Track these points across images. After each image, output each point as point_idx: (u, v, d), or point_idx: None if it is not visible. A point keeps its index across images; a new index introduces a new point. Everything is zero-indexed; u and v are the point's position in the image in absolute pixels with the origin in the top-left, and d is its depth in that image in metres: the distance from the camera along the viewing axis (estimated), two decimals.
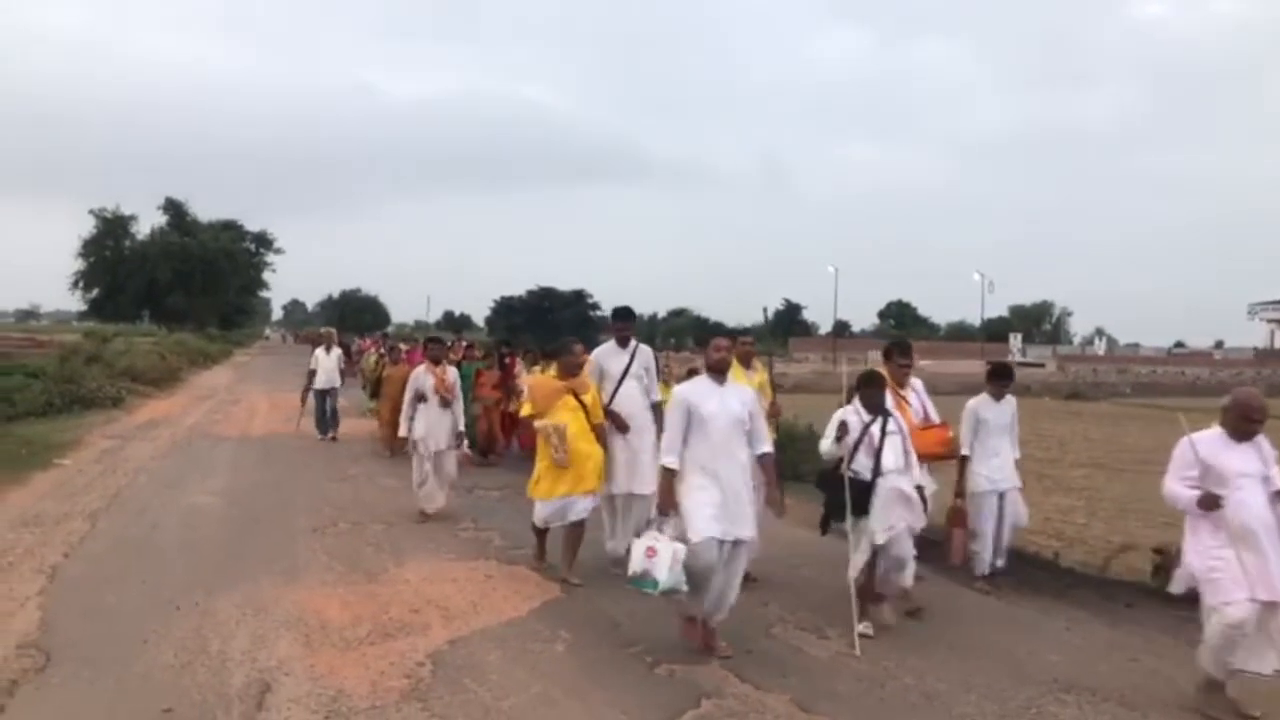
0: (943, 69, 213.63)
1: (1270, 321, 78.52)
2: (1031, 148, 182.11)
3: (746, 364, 7.41)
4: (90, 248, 69.44)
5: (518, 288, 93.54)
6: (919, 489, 6.18)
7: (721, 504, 5.44)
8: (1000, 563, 7.23)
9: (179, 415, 19.48)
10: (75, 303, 73.65)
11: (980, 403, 7.30)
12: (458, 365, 12.48)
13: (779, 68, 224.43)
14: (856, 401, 6.28)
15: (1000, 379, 7.40)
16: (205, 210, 74.93)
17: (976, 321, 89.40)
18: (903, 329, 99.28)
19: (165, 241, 70.03)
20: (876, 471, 6.00)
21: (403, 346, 16.69)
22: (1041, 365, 60.98)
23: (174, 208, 73.06)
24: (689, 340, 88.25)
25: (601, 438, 7.11)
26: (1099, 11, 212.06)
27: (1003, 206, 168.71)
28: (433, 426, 9.46)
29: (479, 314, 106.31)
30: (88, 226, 69.44)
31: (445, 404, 9.55)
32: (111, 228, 70.13)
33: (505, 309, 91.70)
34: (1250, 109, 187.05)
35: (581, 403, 7.05)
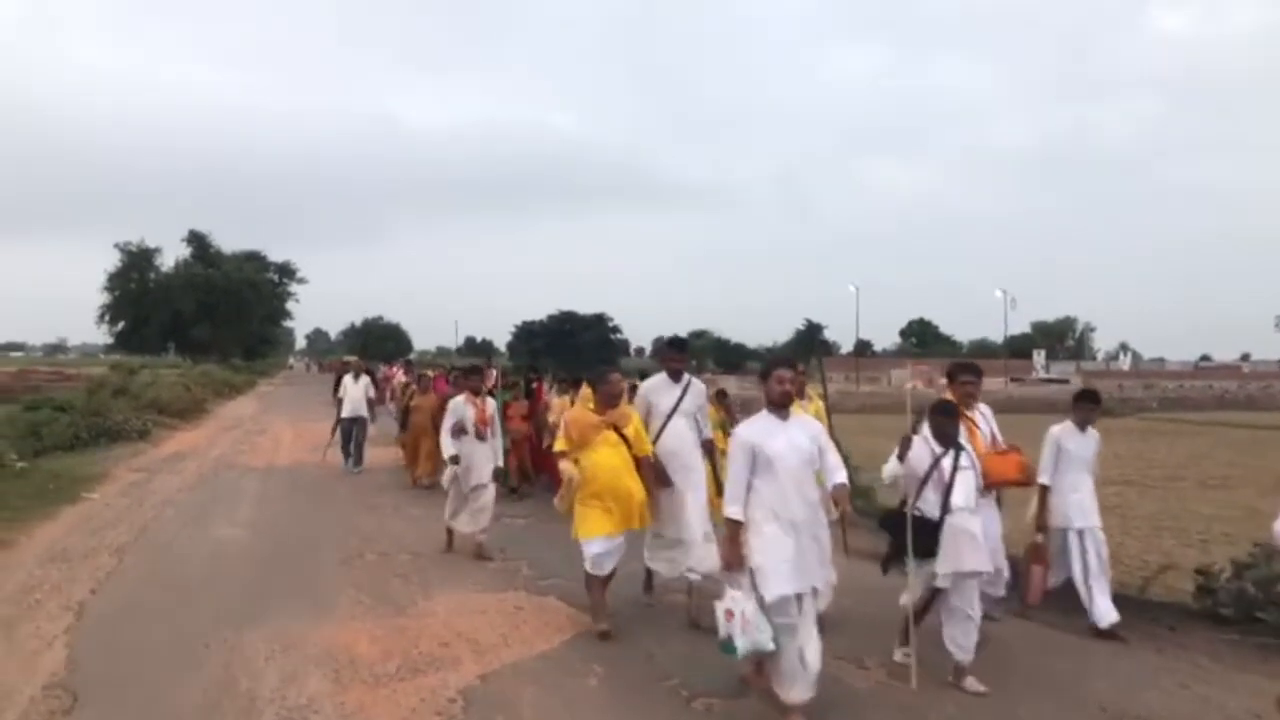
0: (960, 86, 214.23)
1: None
2: (1051, 163, 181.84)
3: (799, 394, 6.94)
4: (116, 281, 70.24)
5: (539, 312, 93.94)
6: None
7: (796, 553, 4.94)
8: (1104, 617, 6.52)
9: (205, 447, 19.53)
10: (102, 336, 74.57)
11: (1064, 431, 6.78)
12: (490, 394, 12.36)
13: (796, 88, 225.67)
14: (926, 431, 5.73)
15: (1086, 404, 6.87)
16: (229, 242, 75.82)
17: (999, 338, 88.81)
18: (924, 347, 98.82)
19: (189, 273, 70.75)
20: (945, 510, 5.50)
21: (429, 374, 16.36)
22: (1066, 382, 60.46)
23: (198, 240, 73.88)
24: (709, 362, 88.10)
25: (646, 473, 6.51)
26: (1116, 25, 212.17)
27: (1023, 222, 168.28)
28: (472, 460, 9.01)
29: (501, 339, 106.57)
30: (113, 260, 70.27)
31: (484, 437, 9.17)
32: (136, 261, 70.92)
33: (526, 334, 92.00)
34: (1271, 120, 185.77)
35: (623, 436, 6.49)
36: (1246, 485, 17.01)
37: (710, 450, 6.99)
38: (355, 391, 15.38)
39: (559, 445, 6.61)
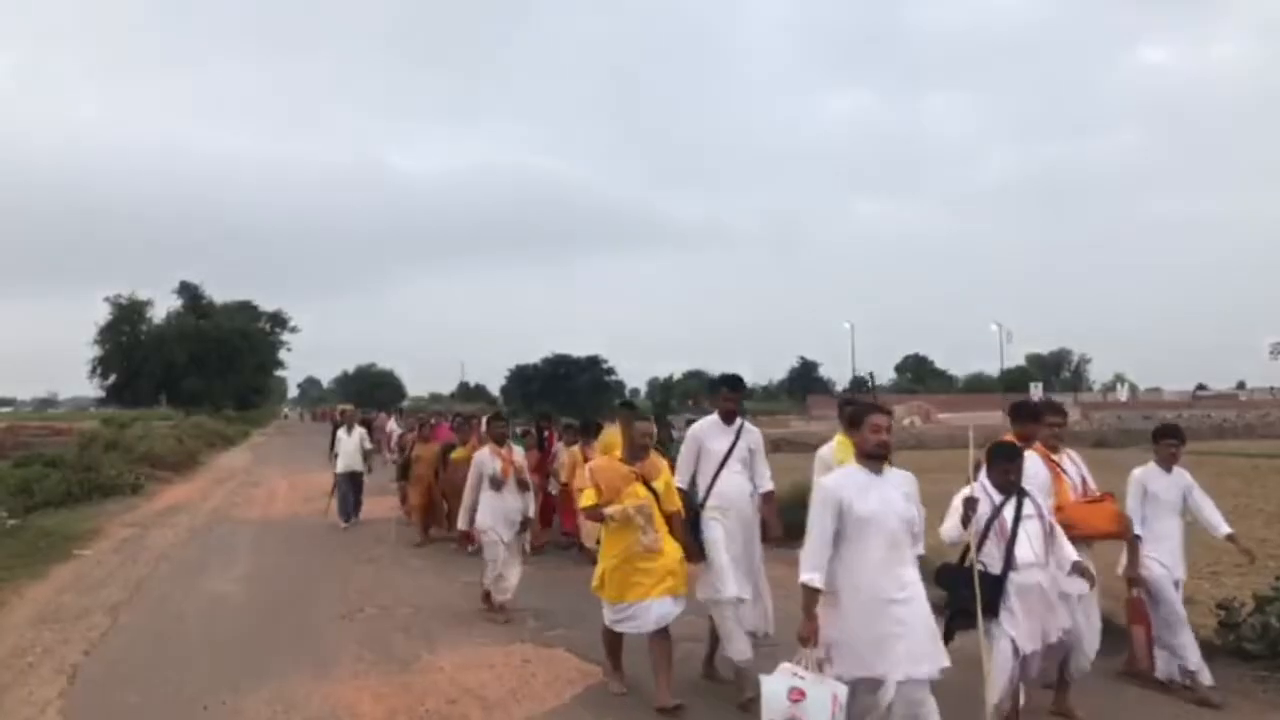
0: (950, 122, 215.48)
1: None
2: (1042, 197, 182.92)
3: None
4: (107, 334, 69.99)
5: (533, 356, 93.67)
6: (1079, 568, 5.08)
7: (885, 633, 4.29)
8: (1195, 669, 5.92)
9: (198, 500, 19.27)
10: (93, 389, 74.07)
11: (1148, 473, 6.19)
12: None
13: (788, 128, 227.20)
14: (983, 477, 5.13)
15: (1170, 441, 6.24)
16: (220, 292, 75.70)
17: (994, 372, 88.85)
18: (920, 382, 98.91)
19: (181, 324, 70.57)
20: (1008, 565, 4.90)
21: (432, 421, 15.71)
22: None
23: (189, 291, 73.76)
24: (705, 403, 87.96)
25: (677, 530, 5.89)
26: (1102, 60, 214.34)
27: (1016, 256, 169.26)
28: (502, 513, 8.39)
29: (494, 384, 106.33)
30: (104, 313, 70.11)
31: (515, 487, 8.54)
32: (127, 313, 70.73)
33: (521, 377, 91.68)
34: (1258, 149, 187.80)
35: (652, 490, 5.87)
36: (1252, 515, 16.82)
37: (769, 503, 6.23)
38: (349, 445, 14.68)
39: (585, 500, 6.00)
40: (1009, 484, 5.06)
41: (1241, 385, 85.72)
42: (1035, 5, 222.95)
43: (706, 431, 6.24)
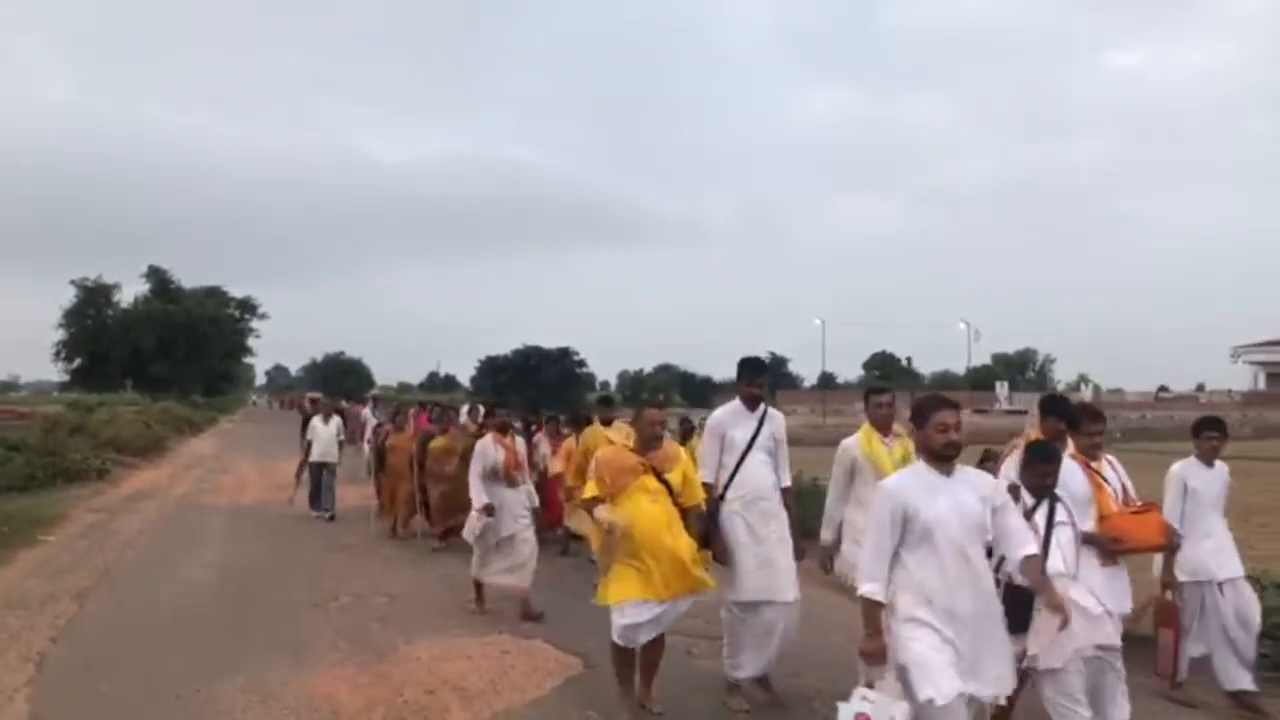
0: (925, 123, 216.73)
1: (1254, 364, 79.02)
2: (1013, 198, 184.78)
3: (885, 430, 5.79)
4: (72, 318, 68.99)
5: (504, 347, 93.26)
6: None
7: (961, 651, 3.88)
8: (1247, 682, 5.63)
9: (167, 486, 19.04)
10: (56, 373, 73.01)
11: (1188, 468, 5.86)
12: (477, 436, 11.89)
13: (766, 125, 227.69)
14: (1013, 474, 4.85)
15: (1212, 434, 5.89)
16: (190, 277, 74.75)
17: (960, 370, 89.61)
18: (888, 380, 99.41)
19: (148, 309, 69.65)
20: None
21: (409, 410, 15.09)
22: (1025, 412, 60.89)
23: (157, 275, 72.82)
24: (677, 396, 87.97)
25: (694, 526, 5.42)
26: (1075, 64, 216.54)
27: (985, 256, 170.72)
28: (502, 507, 7.97)
29: (464, 374, 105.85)
30: (69, 297, 69.10)
31: (515, 481, 8.15)
32: (93, 297, 69.77)
33: (491, 368, 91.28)
34: (1224, 154, 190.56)
35: (665, 482, 5.39)
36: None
37: (788, 501, 5.84)
38: (325, 434, 14.35)
39: (588, 491, 5.51)
40: (1044, 487, 4.71)
41: (1201, 387, 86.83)
42: (1011, 8, 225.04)
43: (728, 419, 5.80)
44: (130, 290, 72.02)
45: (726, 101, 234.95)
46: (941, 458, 4.06)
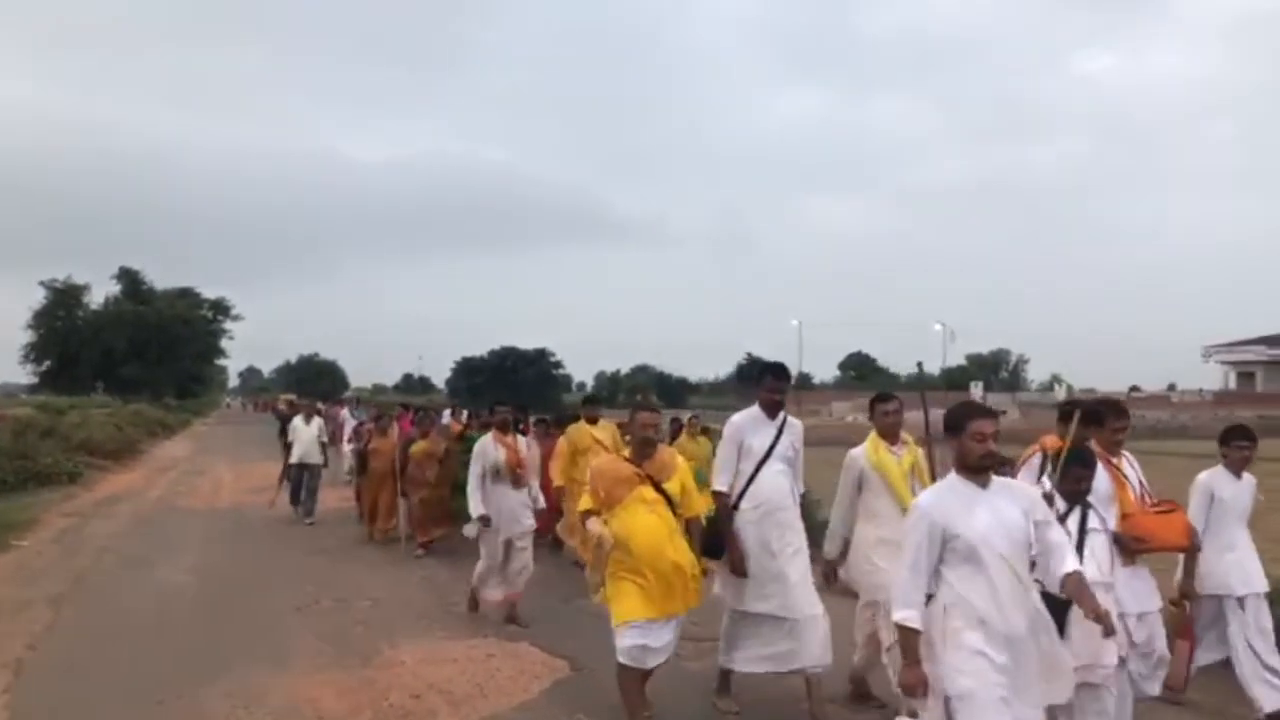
0: (897, 125, 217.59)
1: (1225, 364, 79.89)
2: (985, 199, 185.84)
3: (893, 438, 5.62)
4: (41, 319, 68.29)
5: (480, 348, 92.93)
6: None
7: (1013, 675, 3.65)
8: (1270, 701, 5.39)
9: (141, 489, 18.82)
10: (25, 375, 72.13)
11: (1216, 477, 5.63)
12: (460, 440, 11.63)
13: (739, 126, 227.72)
14: (1046, 482, 4.67)
15: (1243, 443, 5.64)
16: (162, 279, 74.11)
17: (935, 371, 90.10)
18: (863, 380, 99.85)
19: (119, 310, 69.01)
20: None
21: (392, 413, 14.70)
22: (1004, 413, 61.38)
23: (129, 276, 72.19)
24: (652, 396, 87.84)
25: (696, 538, 5.27)
26: (1044, 67, 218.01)
27: (958, 257, 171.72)
28: (505, 508, 7.73)
29: (440, 375, 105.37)
30: (37, 298, 68.35)
31: (520, 481, 7.91)
32: (63, 298, 69.07)
33: (467, 370, 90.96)
34: (1192, 157, 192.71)
35: (663, 492, 5.16)
36: None
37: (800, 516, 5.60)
38: (307, 435, 14.01)
39: (583, 503, 5.30)
40: (1079, 493, 4.53)
41: (1172, 387, 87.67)
42: (983, 12, 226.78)
43: (747, 425, 5.52)
44: (101, 291, 71.52)
45: (699, 102, 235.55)
46: (978, 469, 3.80)
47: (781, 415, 5.56)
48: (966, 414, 3.83)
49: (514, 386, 77.37)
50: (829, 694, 5.53)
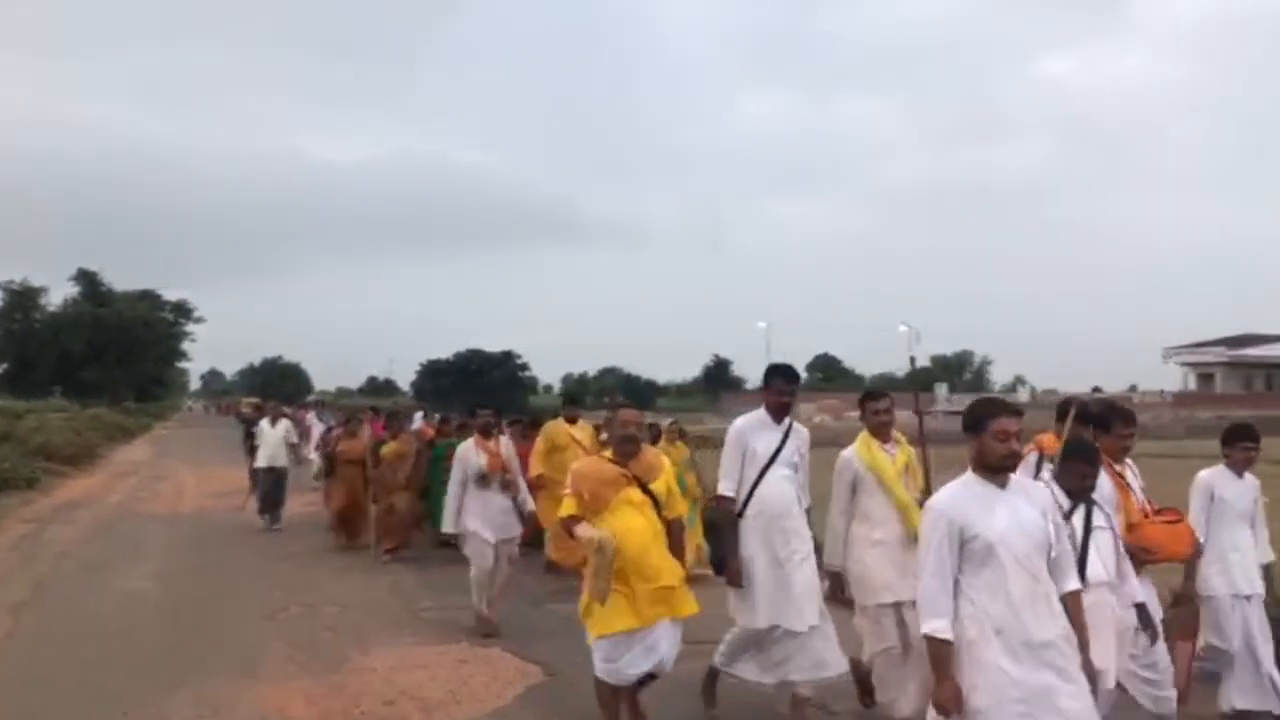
0: (864, 126, 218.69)
1: (1185, 365, 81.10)
2: (951, 201, 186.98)
3: (884, 437, 5.44)
4: None
5: (445, 350, 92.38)
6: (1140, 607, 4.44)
7: (1042, 686, 3.41)
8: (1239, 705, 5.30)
9: (101, 494, 18.54)
10: None
11: (1216, 476, 5.49)
12: (430, 444, 11.47)
13: (709, 128, 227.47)
14: (1047, 477, 4.46)
15: (1246, 443, 5.47)
16: (122, 280, 73.03)
17: (900, 372, 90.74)
18: (830, 382, 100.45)
19: (78, 312, 67.97)
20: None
21: (362, 415, 14.02)
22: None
23: (87, 278, 71.06)
24: (620, 398, 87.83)
25: (677, 541, 5.06)
26: (1009, 69, 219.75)
27: (923, 258, 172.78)
28: (491, 514, 7.52)
29: (404, 378, 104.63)
30: None
31: (503, 485, 7.66)
32: (20, 300, 67.97)
33: (431, 372, 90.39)
34: (1155, 159, 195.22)
35: (650, 494, 4.95)
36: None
37: (809, 521, 5.39)
38: (274, 438, 13.57)
39: (565, 509, 4.99)
40: (1084, 489, 4.31)
41: (1134, 388, 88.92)
42: (947, 15, 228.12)
43: (752, 429, 5.31)
44: (59, 293, 70.36)
45: (667, 102, 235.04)
46: (999, 469, 3.59)
47: (788, 419, 5.37)
48: (989, 411, 3.65)
49: (480, 389, 77.05)
50: (847, 708, 5.45)
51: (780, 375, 5.39)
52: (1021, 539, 3.50)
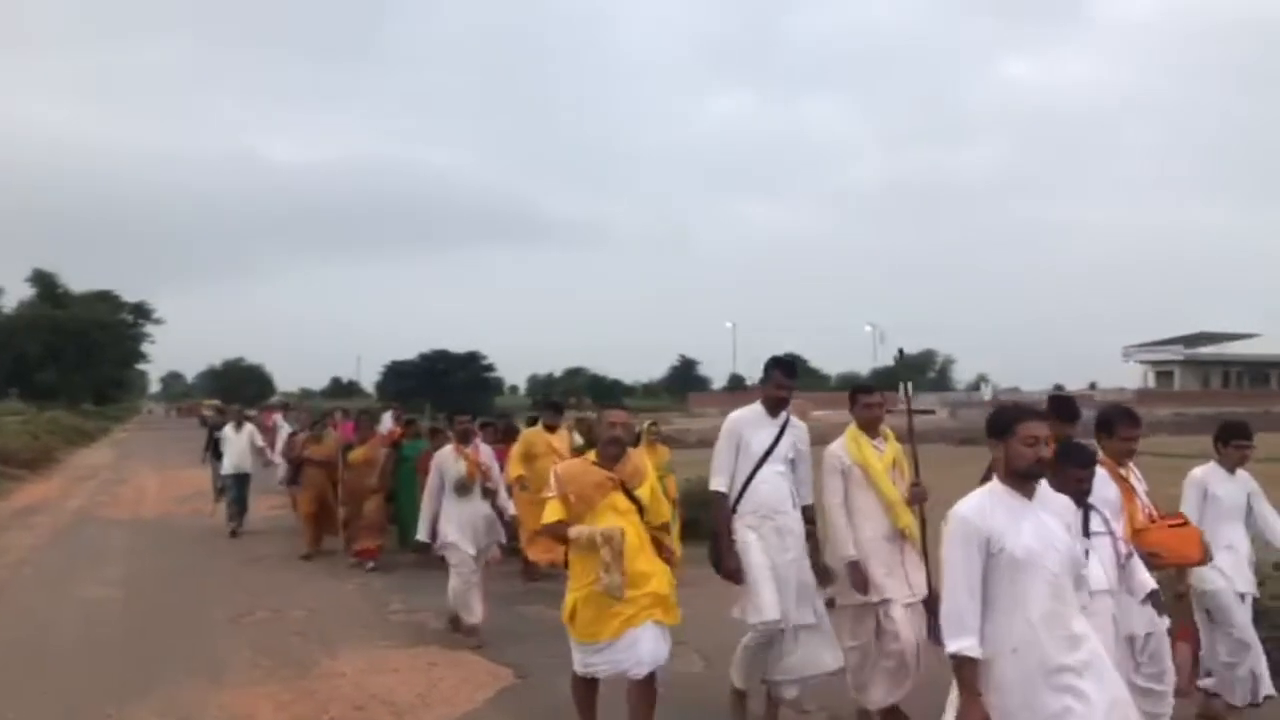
0: (827, 127, 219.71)
1: (1144, 363, 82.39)
2: (911, 201, 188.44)
3: (873, 431, 5.33)
4: None
5: (409, 351, 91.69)
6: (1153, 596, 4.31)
7: (1057, 710, 3.22)
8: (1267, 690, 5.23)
9: (59, 499, 18.23)
10: None
11: (1210, 474, 5.45)
12: (396, 445, 11.35)
13: (671, 129, 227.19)
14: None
15: (1240, 442, 5.44)
16: (78, 281, 71.83)
17: (865, 371, 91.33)
18: (795, 380, 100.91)
19: (34, 314, 66.77)
20: None
21: (335, 416, 13.61)
22: (932, 412, 62.43)
23: (43, 279, 69.82)
24: (587, 398, 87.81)
25: (664, 548, 4.89)
26: (968, 71, 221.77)
27: (887, 258, 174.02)
28: (470, 521, 7.37)
29: (368, 379, 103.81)
30: None
31: (488, 491, 7.55)
32: None
33: (396, 374, 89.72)
34: (1109, 161, 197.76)
35: (635, 499, 4.77)
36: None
37: (812, 521, 5.32)
38: (240, 443, 13.30)
39: (549, 514, 4.78)
40: (1080, 493, 4.10)
41: (1094, 386, 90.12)
42: (909, 16, 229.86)
43: (747, 421, 5.21)
44: (14, 294, 69.13)
45: (629, 103, 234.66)
46: (1028, 477, 3.40)
47: (784, 414, 5.28)
48: (1016, 416, 3.46)
49: (445, 390, 76.61)
50: (820, 704, 5.44)
51: (780, 368, 5.28)
52: (1049, 556, 3.30)
